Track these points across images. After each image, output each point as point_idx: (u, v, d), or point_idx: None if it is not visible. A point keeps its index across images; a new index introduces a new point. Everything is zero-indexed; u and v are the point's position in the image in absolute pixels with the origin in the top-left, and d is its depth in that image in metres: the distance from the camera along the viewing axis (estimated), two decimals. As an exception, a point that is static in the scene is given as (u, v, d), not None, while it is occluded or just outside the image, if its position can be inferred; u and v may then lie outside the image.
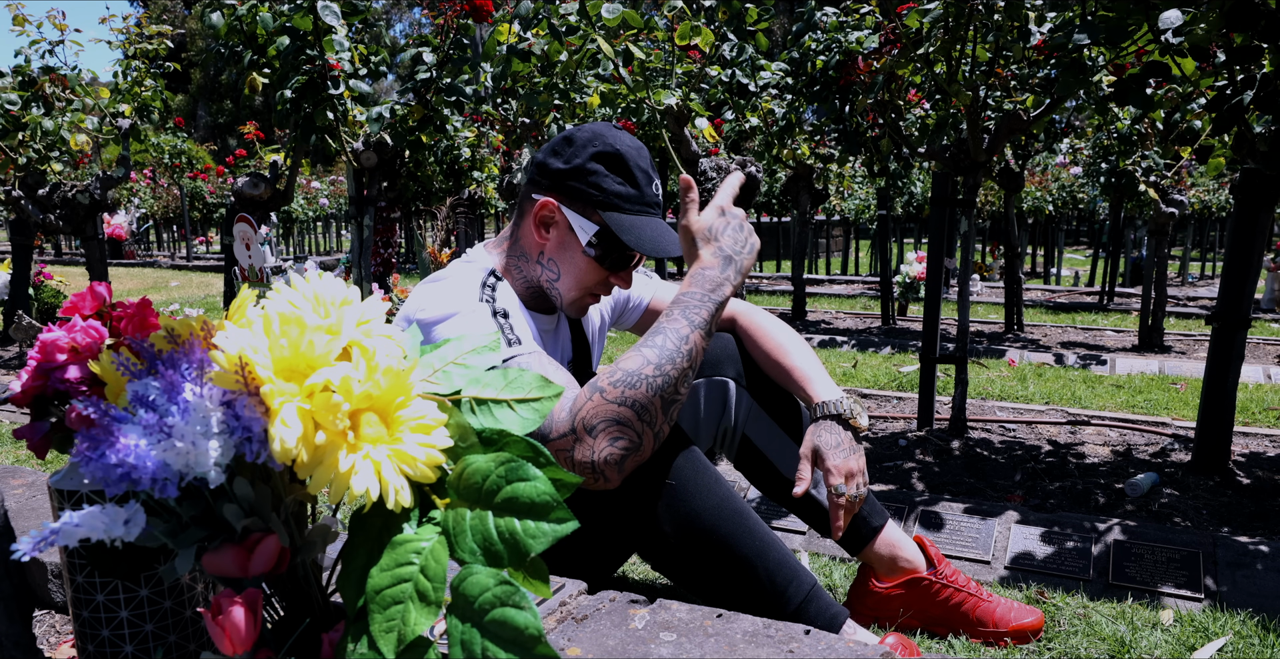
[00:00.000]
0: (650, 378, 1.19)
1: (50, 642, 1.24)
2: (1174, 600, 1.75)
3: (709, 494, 1.34)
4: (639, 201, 1.38)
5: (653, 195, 1.41)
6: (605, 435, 1.17)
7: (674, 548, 1.34)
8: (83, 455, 0.64)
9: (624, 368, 1.20)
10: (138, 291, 8.16)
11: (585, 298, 1.45)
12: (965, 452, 2.71)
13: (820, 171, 6.04)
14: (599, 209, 1.37)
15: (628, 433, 1.18)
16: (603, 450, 1.17)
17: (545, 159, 1.41)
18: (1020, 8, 2.40)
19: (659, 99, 2.62)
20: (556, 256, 1.41)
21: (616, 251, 1.39)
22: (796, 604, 1.33)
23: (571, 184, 1.37)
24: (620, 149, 1.37)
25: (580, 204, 1.38)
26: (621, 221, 1.36)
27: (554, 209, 1.39)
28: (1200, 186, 9.03)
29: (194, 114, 29.80)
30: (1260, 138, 2.04)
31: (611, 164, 1.37)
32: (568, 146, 1.38)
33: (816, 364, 1.53)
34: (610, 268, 1.41)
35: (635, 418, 1.18)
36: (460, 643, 0.65)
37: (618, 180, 1.37)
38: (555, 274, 1.42)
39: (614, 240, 1.38)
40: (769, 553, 1.34)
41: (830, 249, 11.82)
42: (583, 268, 1.40)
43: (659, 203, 1.43)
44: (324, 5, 3.07)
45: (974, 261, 7.90)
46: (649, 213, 1.40)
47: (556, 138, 1.41)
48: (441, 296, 1.32)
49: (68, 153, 4.26)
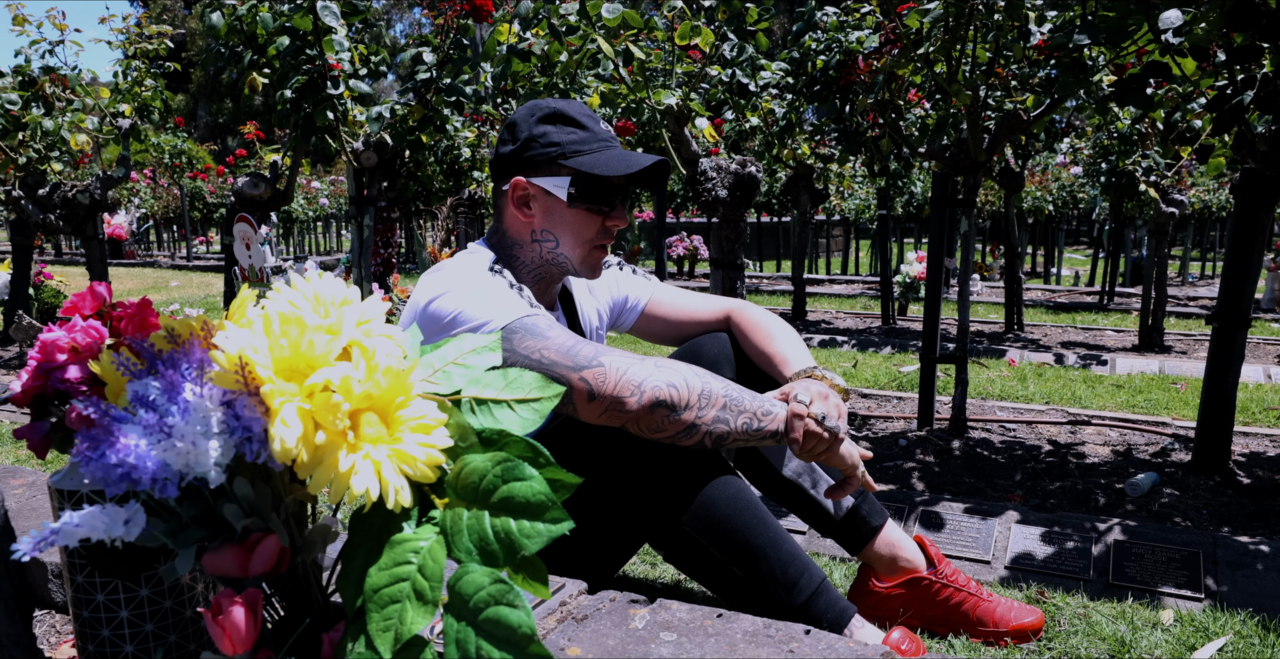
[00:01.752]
0: (720, 387, 1.29)
1: (50, 642, 1.24)
2: (1174, 600, 1.75)
3: (725, 485, 1.36)
4: (594, 140, 1.44)
5: (604, 132, 1.46)
6: (665, 376, 1.24)
7: (689, 537, 1.36)
8: (83, 455, 0.64)
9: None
10: (138, 291, 8.16)
11: (593, 252, 1.48)
12: (965, 451, 2.71)
13: (820, 171, 6.04)
14: (562, 161, 1.42)
15: (681, 392, 1.24)
16: (654, 381, 1.23)
17: (498, 150, 1.48)
18: (1020, 8, 2.40)
19: (659, 99, 2.62)
20: (547, 225, 1.46)
21: (597, 191, 1.43)
22: (807, 596, 1.34)
23: (529, 155, 1.43)
24: (556, 106, 1.44)
25: (545, 167, 1.43)
26: (588, 161, 1.41)
27: (525, 185, 1.44)
28: (1200, 186, 9.02)
29: (194, 114, 29.81)
30: (1260, 138, 2.04)
31: (556, 120, 1.43)
32: (512, 130, 1.46)
33: (797, 348, 1.53)
34: (599, 211, 1.45)
35: (695, 392, 1.25)
36: (455, 642, 0.65)
37: (568, 131, 1.43)
38: (554, 241, 1.46)
39: (590, 180, 1.42)
40: (782, 544, 1.36)
41: (830, 249, 11.82)
42: (575, 221, 1.45)
43: (613, 136, 1.48)
44: (324, 5, 3.07)
45: (974, 261, 7.89)
46: (608, 146, 1.45)
47: (501, 130, 1.48)
48: (453, 277, 1.36)
49: (68, 153, 4.26)
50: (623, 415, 1.23)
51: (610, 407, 1.23)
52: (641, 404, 1.22)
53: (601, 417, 1.24)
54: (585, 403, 1.23)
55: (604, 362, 1.24)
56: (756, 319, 1.59)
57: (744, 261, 3.14)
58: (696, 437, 1.26)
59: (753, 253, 11.43)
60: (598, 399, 1.23)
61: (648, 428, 1.25)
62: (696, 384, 1.26)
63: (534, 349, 1.25)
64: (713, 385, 1.27)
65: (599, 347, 1.27)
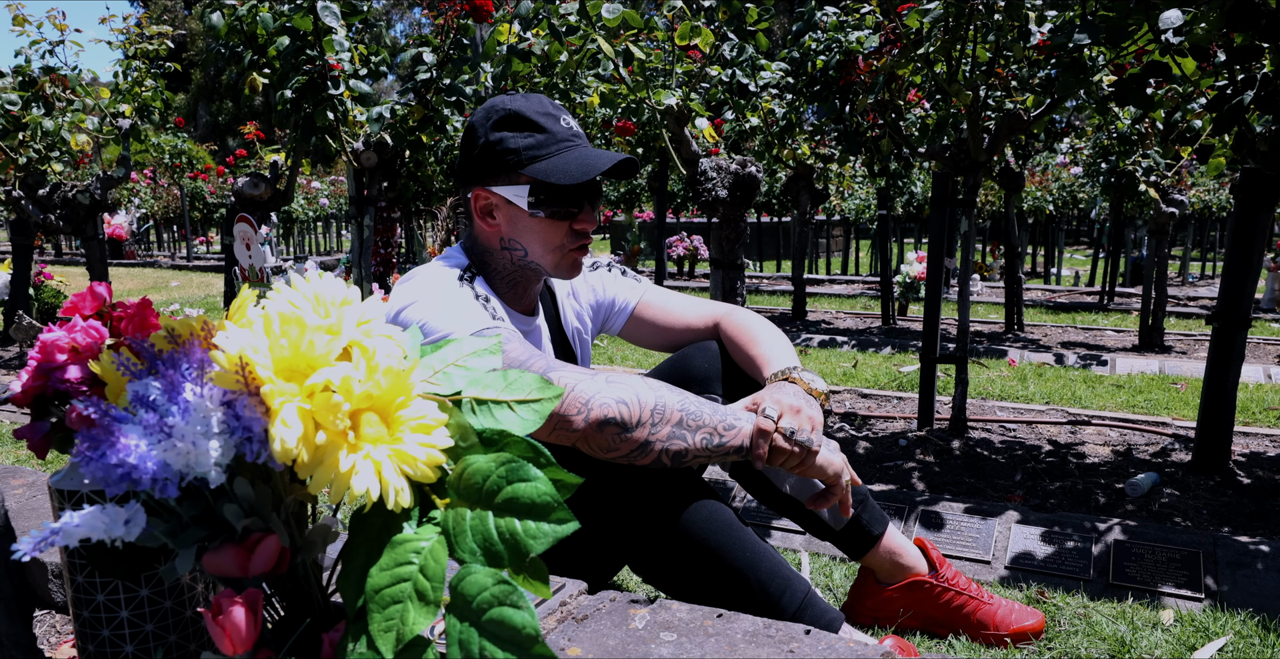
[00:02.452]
0: (675, 402, 1.24)
1: (50, 642, 1.24)
2: (1174, 600, 1.75)
3: (699, 507, 1.33)
4: (552, 142, 1.38)
5: (564, 130, 1.40)
6: (614, 393, 1.20)
7: (665, 561, 1.34)
8: (83, 455, 0.64)
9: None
10: (138, 291, 8.16)
11: (565, 255, 1.44)
12: (965, 451, 2.71)
13: (820, 171, 6.04)
14: (520, 169, 1.37)
15: (632, 409, 1.20)
16: (601, 398, 1.19)
17: (460, 157, 1.44)
18: (1020, 8, 2.40)
19: (659, 99, 2.62)
20: (513, 234, 1.42)
21: (558, 198, 1.39)
22: (792, 612, 1.33)
23: (487, 164, 1.39)
24: (512, 108, 1.38)
25: (504, 176, 1.39)
26: (544, 168, 1.36)
27: (486, 195, 1.41)
28: (1200, 186, 9.02)
29: (194, 114, 29.80)
30: (1260, 137, 2.04)
31: (512, 124, 1.38)
32: (470, 136, 1.42)
33: (780, 349, 1.48)
34: (563, 217, 1.40)
35: (648, 408, 1.20)
36: (458, 642, 0.65)
37: (524, 135, 1.38)
38: (522, 250, 1.43)
39: (549, 188, 1.38)
40: (760, 563, 1.33)
41: (830, 249, 11.82)
42: (541, 230, 1.41)
43: (575, 133, 1.41)
44: (324, 6, 3.07)
45: (974, 261, 7.90)
46: (568, 147, 1.40)
47: (462, 134, 1.43)
48: (422, 287, 1.34)
49: (68, 153, 4.26)
50: (570, 434, 1.19)
51: (557, 425, 1.18)
52: (589, 422, 1.17)
53: (551, 435, 1.20)
54: None
55: (553, 377, 1.19)
56: (743, 324, 1.55)
57: (744, 261, 3.13)
58: (651, 455, 1.21)
59: (753, 253, 11.43)
60: (564, 403, 1.18)
61: (598, 447, 1.20)
62: (649, 399, 1.20)
63: None
64: (667, 400, 1.22)
65: (552, 362, 1.24)
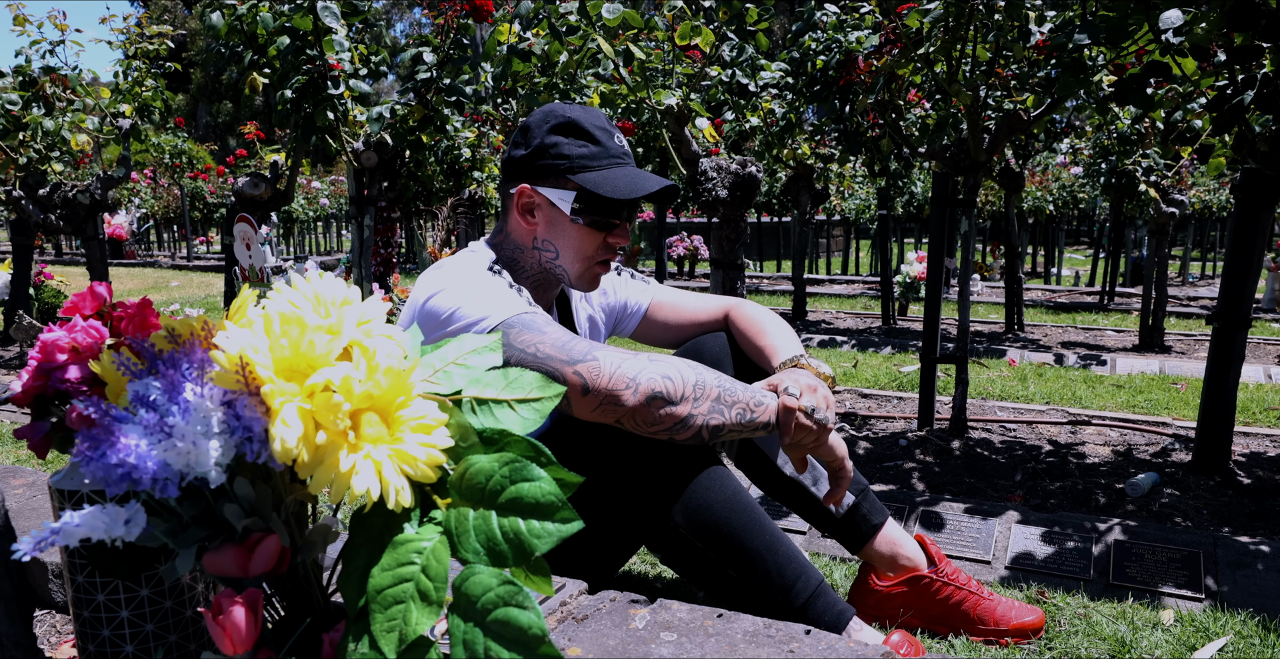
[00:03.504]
0: (713, 379, 1.28)
1: (51, 641, 1.24)
2: (1174, 600, 1.75)
3: (721, 488, 1.35)
4: (605, 156, 1.42)
5: (617, 147, 1.44)
6: (658, 369, 1.23)
7: (685, 539, 1.35)
8: (83, 455, 0.64)
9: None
10: (138, 291, 8.16)
11: (592, 268, 1.48)
12: (965, 451, 2.71)
13: (820, 171, 6.04)
14: (570, 175, 1.41)
15: (676, 385, 1.23)
16: (649, 374, 1.22)
17: (510, 153, 1.47)
18: (1020, 7, 2.40)
19: (659, 99, 2.62)
20: (549, 236, 1.45)
21: (601, 209, 1.42)
22: (804, 599, 1.34)
23: (539, 164, 1.42)
24: (571, 116, 1.42)
25: (553, 178, 1.42)
26: (594, 178, 1.40)
27: (531, 193, 1.43)
28: (1201, 186, 9.02)
29: (194, 114, 29.80)
30: (1261, 137, 2.04)
31: (568, 132, 1.42)
32: (525, 134, 1.44)
33: (787, 339, 1.52)
34: (601, 228, 1.44)
35: (689, 384, 1.24)
36: (462, 643, 0.65)
37: (579, 144, 1.41)
38: (554, 252, 1.46)
39: (594, 198, 1.41)
40: (779, 547, 1.35)
41: (830, 249, 11.82)
42: (577, 237, 1.44)
43: (626, 152, 1.46)
44: (324, 6, 3.07)
45: (974, 261, 7.90)
46: (618, 164, 1.44)
47: (515, 132, 1.47)
48: (452, 275, 1.36)
49: (68, 153, 4.26)
50: (618, 410, 1.22)
51: (605, 401, 1.22)
52: (638, 397, 1.21)
53: (596, 411, 1.23)
54: (579, 398, 1.22)
55: (598, 356, 1.23)
56: (750, 315, 1.60)
57: (744, 261, 3.14)
58: (692, 429, 1.25)
59: (753, 253, 11.43)
60: (592, 393, 1.22)
61: (644, 421, 1.23)
62: (690, 376, 1.25)
63: (530, 343, 1.25)
64: (706, 377, 1.26)
65: (594, 343, 1.27)
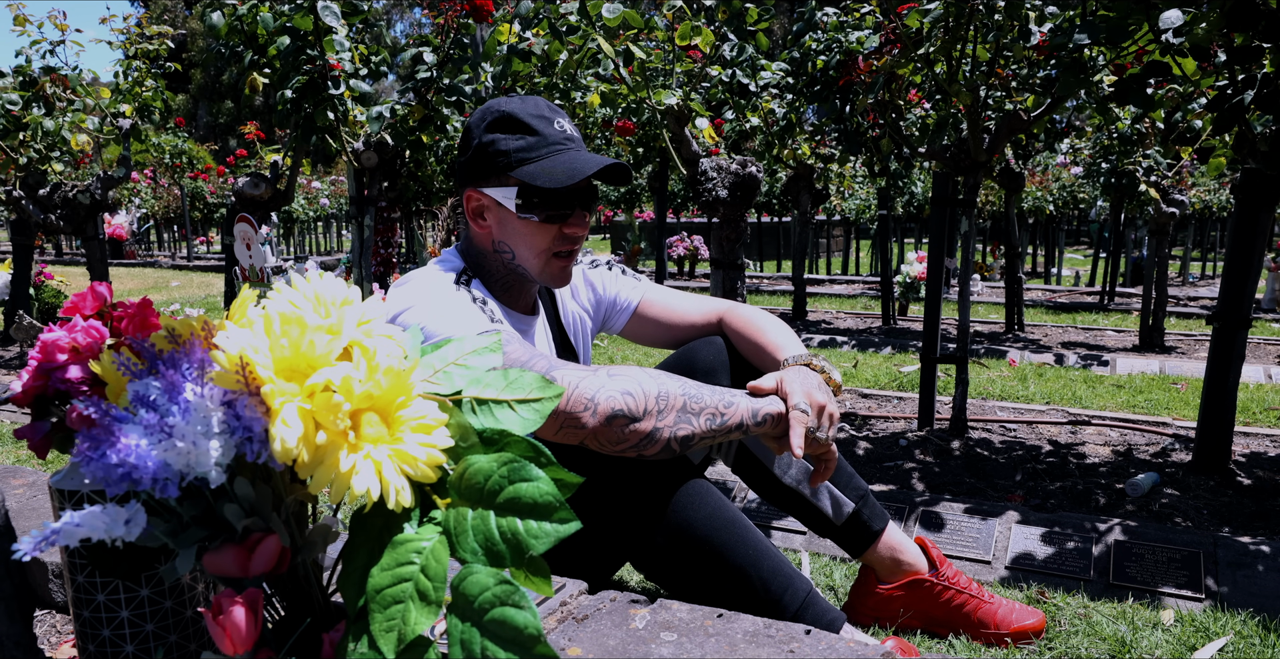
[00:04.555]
0: (676, 388, 1.25)
1: (51, 641, 1.24)
2: (1175, 600, 1.75)
3: (701, 505, 1.33)
4: (543, 145, 1.38)
5: (556, 133, 1.39)
6: (617, 385, 1.20)
7: (667, 559, 1.34)
8: (83, 455, 0.64)
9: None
10: (138, 291, 8.16)
11: (551, 262, 1.44)
12: (966, 452, 2.71)
13: (821, 171, 6.04)
14: (510, 171, 1.38)
15: (637, 400, 1.20)
16: (607, 392, 1.19)
17: (456, 160, 1.45)
18: (1020, 8, 2.40)
19: (659, 99, 2.62)
20: (502, 236, 1.43)
21: (547, 201, 1.39)
22: (793, 611, 1.33)
23: (478, 166, 1.40)
24: (506, 110, 1.39)
25: (494, 177, 1.40)
26: (531, 171, 1.36)
27: (477, 196, 1.42)
28: (1201, 186, 9.02)
29: (194, 114, 29.80)
30: (1261, 137, 2.04)
31: (504, 127, 1.38)
32: (465, 137, 1.43)
33: (789, 337, 1.50)
34: (554, 220, 1.40)
35: (652, 397, 1.21)
36: (460, 642, 0.65)
37: (515, 137, 1.38)
38: (510, 253, 1.44)
39: (537, 191, 1.38)
40: (763, 562, 1.33)
41: (831, 249, 11.82)
42: (528, 233, 1.41)
43: (569, 137, 1.41)
44: (324, 5, 3.07)
45: (974, 261, 7.90)
46: (560, 150, 1.39)
47: (459, 139, 1.45)
48: (418, 292, 1.34)
49: (68, 153, 4.26)
50: (579, 432, 1.19)
51: (565, 423, 1.19)
52: (597, 419, 1.18)
53: (559, 434, 1.21)
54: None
55: (555, 377, 1.20)
56: (747, 316, 1.57)
57: (744, 261, 3.14)
58: (659, 443, 1.22)
59: (753, 253, 11.43)
60: (551, 416, 1.17)
61: (608, 441, 1.20)
62: (652, 388, 1.22)
63: None
64: (669, 387, 1.23)
65: (554, 361, 1.24)
